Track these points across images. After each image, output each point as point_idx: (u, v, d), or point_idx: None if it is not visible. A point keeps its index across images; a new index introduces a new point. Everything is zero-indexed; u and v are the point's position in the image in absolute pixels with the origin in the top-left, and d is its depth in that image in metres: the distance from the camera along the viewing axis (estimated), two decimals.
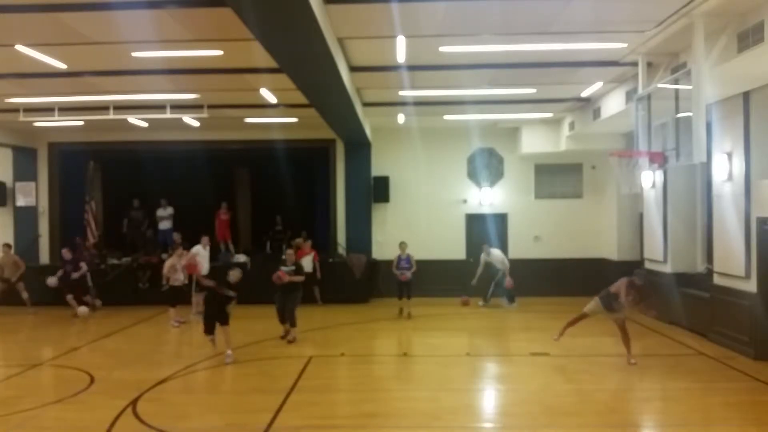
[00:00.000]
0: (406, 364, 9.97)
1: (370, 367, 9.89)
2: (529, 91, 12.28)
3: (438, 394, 7.95)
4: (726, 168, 10.12)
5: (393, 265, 13.25)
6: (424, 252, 15.55)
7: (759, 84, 9.23)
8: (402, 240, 13.64)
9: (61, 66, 9.96)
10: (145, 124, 15.21)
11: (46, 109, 13.32)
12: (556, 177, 16.76)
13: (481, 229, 16.47)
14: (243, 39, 8.14)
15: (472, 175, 16.86)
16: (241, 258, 16.05)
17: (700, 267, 12.52)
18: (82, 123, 14.96)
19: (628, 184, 10.08)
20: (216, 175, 18.22)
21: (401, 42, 8.97)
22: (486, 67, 10.50)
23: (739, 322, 9.85)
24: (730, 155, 10.06)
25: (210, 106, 13.15)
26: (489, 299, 14.90)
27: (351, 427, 6.84)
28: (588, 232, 16.12)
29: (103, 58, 9.71)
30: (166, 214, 17.22)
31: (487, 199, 16.74)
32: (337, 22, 8.07)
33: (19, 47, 8.96)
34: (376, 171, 16.70)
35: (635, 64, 9.88)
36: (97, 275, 15.14)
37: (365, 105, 13.53)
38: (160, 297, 13.36)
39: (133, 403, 7.55)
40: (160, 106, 13.11)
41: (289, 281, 10.93)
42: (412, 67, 10.48)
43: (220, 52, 9.33)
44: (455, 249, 16.53)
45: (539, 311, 14.00)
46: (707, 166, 10.86)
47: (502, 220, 16.79)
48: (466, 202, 16.83)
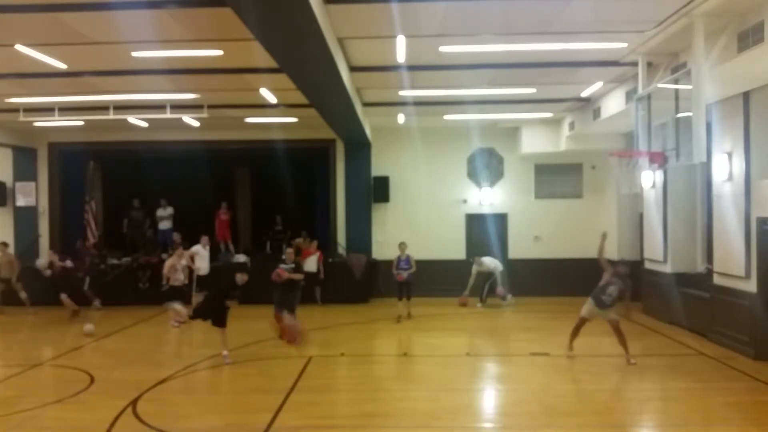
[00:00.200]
0: (406, 364, 9.97)
1: (370, 367, 9.90)
2: (529, 91, 12.29)
3: (438, 394, 7.95)
4: (726, 168, 10.12)
5: (393, 265, 13.25)
6: (424, 252, 15.56)
7: (759, 84, 9.23)
8: (402, 240, 13.61)
9: (61, 66, 9.96)
10: (145, 124, 15.21)
11: (46, 109, 13.32)
12: (556, 177, 16.76)
13: (481, 229, 16.50)
14: (243, 39, 8.14)
15: (472, 175, 16.86)
16: (241, 258, 16.06)
17: (700, 267, 12.52)
18: (82, 123, 14.96)
19: (628, 184, 10.08)
20: (216, 175, 18.22)
21: (401, 42, 8.97)
22: (486, 67, 10.50)
23: (739, 322, 9.85)
24: (730, 155, 10.06)
25: (210, 106, 13.15)
26: (485, 300, 14.94)
27: (351, 427, 6.84)
28: (588, 232, 16.03)
29: (103, 58, 9.72)
30: (166, 214, 17.22)
31: (487, 199, 16.74)
32: (337, 22, 8.07)
33: (19, 47, 8.96)
34: (376, 171, 16.71)
35: (635, 64, 9.88)
36: (98, 275, 15.16)
37: (365, 105, 13.53)
38: (160, 297, 13.35)
39: (133, 403, 7.55)
40: (160, 106, 13.11)
41: (288, 279, 10.92)
42: (412, 67, 10.48)
43: (220, 52, 9.33)
44: (455, 249, 16.53)
45: (539, 311, 14.00)
46: (707, 166, 10.86)
47: (502, 220, 16.80)
48: (466, 202, 16.83)
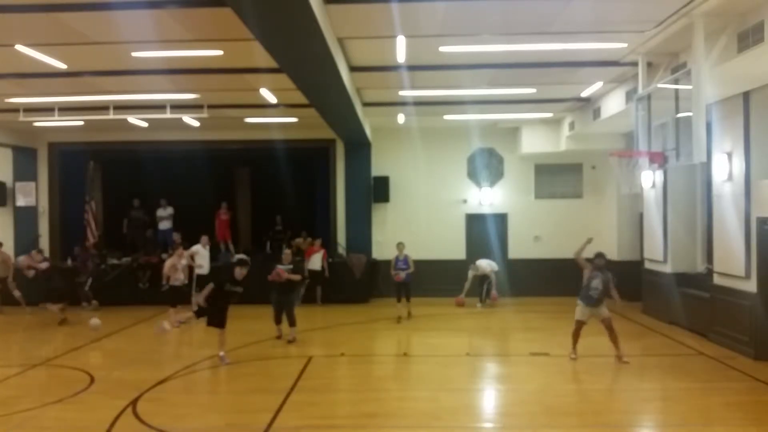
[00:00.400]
0: (406, 364, 9.97)
1: (370, 367, 9.90)
2: (529, 91, 12.29)
3: (438, 394, 7.94)
4: (726, 168, 10.12)
5: (391, 266, 13.21)
6: (424, 252, 15.58)
7: (759, 84, 9.23)
8: (401, 240, 13.58)
9: (61, 66, 9.96)
10: (145, 124, 15.20)
11: (46, 109, 13.32)
12: (556, 177, 16.77)
13: (481, 229, 16.51)
14: (243, 39, 8.15)
15: (472, 175, 16.87)
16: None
17: (700, 267, 12.52)
18: (82, 123, 14.96)
19: (628, 184, 10.09)
20: (216, 175, 18.23)
21: (401, 42, 8.97)
22: (486, 67, 10.50)
23: (739, 322, 9.85)
24: (730, 155, 10.06)
25: (210, 106, 13.15)
26: (485, 300, 14.98)
27: (351, 427, 6.84)
28: (588, 232, 15.97)
29: (103, 58, 9.72)
30: (166, 214, 17.22)
31: (487, 199, 16.74)
32: (337, 22, 8.07)
33: (19, 47, 8.96)
34: (376, 171, 16.71)
35: (635, 64, 9.88)
36: (98, 275, 15.16)
37: (365, 105, 13.53)
38: (160, 297, 13.37)
39: (133, 403, 7.55)
40: (160, 106, 13.11)
41: (287, 279, 10.97)
42: (412, 67, 10.48)
43: (220, 52, 9.33)
44: (455, 249, 16.52)
45: (539, 311, 14.01)
46: (707, 166, 10.86)
47: (502, 220, 16.80)
48: (466, 202, 16.83)
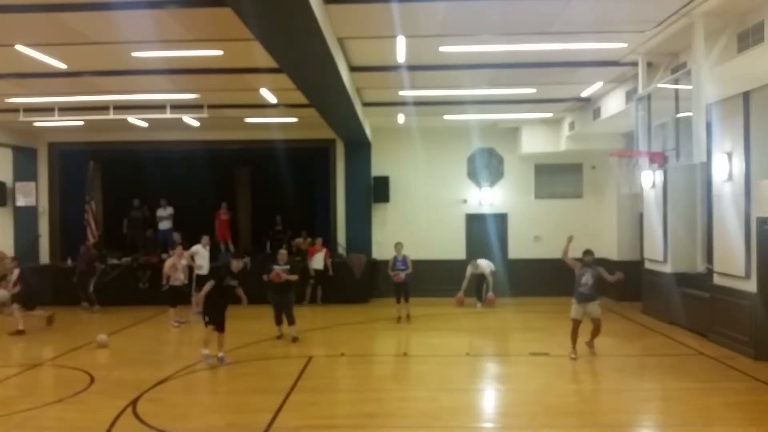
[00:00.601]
0: (406, 364, 9.97)
1: (370, 367, 9.90)
2: (529, 91, 12.29)
3: (438, 394, 7.94)
4: (726, 168, 10.12)
5: (389, 266, 13.13)
6: (424, 252, 15.60)
7: (759, 84, 9.22)
8: (400, 241, 13.54)
9: (61, 66, 9.96)
10: (145, 124, 15.21)
11: (46, 109, 13.32)
12: (556, 177, 16.77)
13: (481, 229, 16.51)
14: (243, 39, 8.15)
15: (472, 175, 16.87)
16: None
17: (700, 267, 12.52)
18: (82, 123, 14.96)
19: (628, 184, 10.09)
20: (216, 175, 18.22)
21: (401, 42, 8.97)
22: (486, 67, 10.50)
23: (739, 322, 9.85)
24: (730, 155, 10.05)
25: (210, 106, 13.15)
26: (484, 299, 15.01)
27: (351, 427, 6.84)
28: (588, 232, 16.05)
29: (103, 58, 9.72)
30: (166, 214, 17.22)
31: (487, 199, 16.75)
32: (337, 22, 8.07)
33: (19, 47, 8.96)
34: (376, 171, 16.71)
35: (635, 64, 9.88)
36: (99, 276, 15.19)
37: (365, 105, 13.53)
38: (160, 297, 13.37)
39: (133, 403, 7.55)
40: (160, 106, 13.11)
41: (286, 280, 11.04)
42: (412, 67, 10.48)
43: (220, 52, 9.33)
44: (455, 249, 16.52)
45: (539, 311, 14.00)
46: (707, 166, 10.86)
47: (502, 220, 16.80)
48: (466, 202, 16.83)
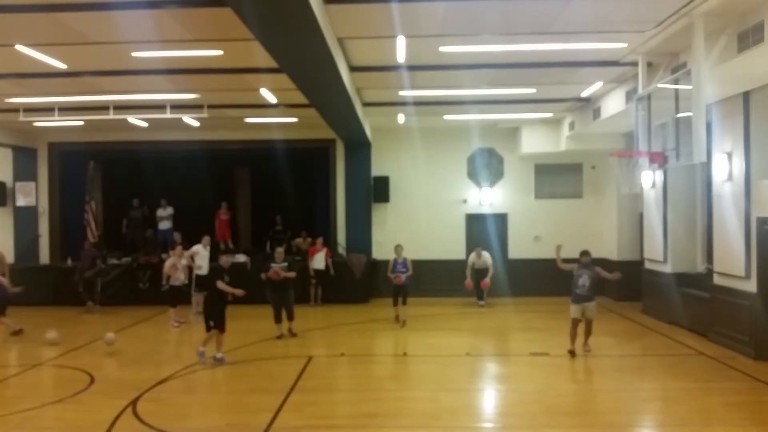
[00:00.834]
0: (406, 364, 9.97)
1: (370, 367, 9.90)
2: (529, 91, 12.29)
3: (438, 394, 7.94)
4: (726, 168, 10.12)
5: (388, 269, 12.96)
6: (424, 252, 15.60)
7: (759, 84, 9.22)
8: (402, 241, 13.51)
9: (61, 66, 9.96)
10: (145, 124, 15.21)
11: (46, 109, 13.33)
12: (556, 177, 16.77)
13: (481, 229, 16.51)
14: (243, 39, 8.14)
15: (472, 175, 16.87)
16: (241, 258, 16.04)
17: (700, 267, 12.52)
18: (82, 123, 14.97)
19: (628, 184, 10.08)
20: (216, 175, 18.23)
21: (401, 42, 8.97)
22: (486, 67, 10.50)
23: (739, 322, 9.84)
24: (730, 155, 10.05)
25: (210, 106, 13.15)
26: (485, 298, 15.08)
27: (351, 427, 6.84)
28: (588, 232, 16.09)
29: (103, 58, 9.72)
30: (166, 214, 17.22)
31: (487, 199, 16.74)
32: (337, 22, 8.07)
33: (19, 47, 8.96)
34: (376, 171, 16.71)
35: (635, 64, 9.87)
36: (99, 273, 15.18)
37: (365, 105, 13.53)
38: (160, 297, 13.37)
39: (133, 403, 7.55)
40: (160, 106, 13.11)
41: (285, 278, 11.09)
42: (412, 67, 10.48)
43: (220, 52, 9.33)
44: (455, 249, 16.51)
45: (539, 311, 14.00)
46: (707, 166, 10.86)
47: (502, 220, 16.80)
48: (466, 202, 16.83)
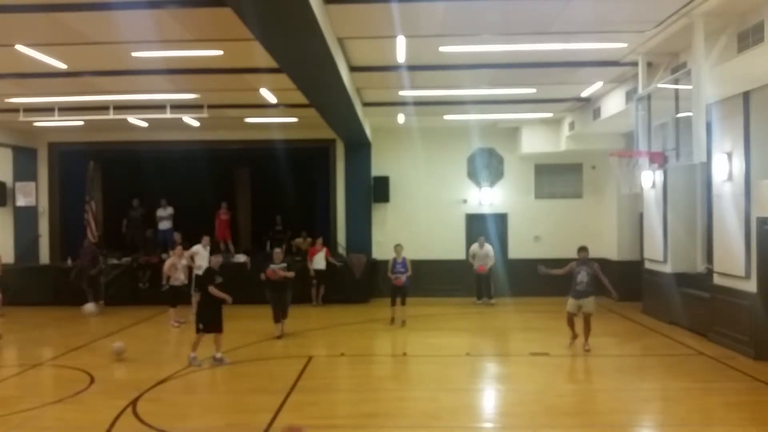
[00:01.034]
0: (405, 364, 9.97)
1: (370, 367, 9.90)
2: (529, 91, 12.28)
3: (438, 394, 7.95)
4: (726, 168, 10.12)
5: (388, 269, 12.93)
6: (424, 252, 15.60)
7: (759, 84, 9.22)
8: (402, 241, 13.52)
9: (61, 66, 9.96)
10: (145, 124, 15.21)
11: (46, 109, 13.32)
12: (556, 177, 16.76)
13: (481, 229, 16.49)
14: (243, 39, 8.15)
15: (472, 175, 16.87)
16: (241, 258, 16.06)
17: (700, 267, 12.52)
18: (82, 123, 14.97)
19: (628, 184, 10.08)
20: (216, 175, 18.24)
21: (401, 42, 8.97)
22: (486, 67, 10.50)
23: (739, 322, 9.84)
24: (730, 155, 10.05)
25: (210, 106, 13.15)
26: (483, 297, 15.19)
27: (351, 427, 6.84)
28: (588, 232, 16.07)
29: (103, 58, 9.72)
30: (166, 214, 17.22)
31: (487, 199, 16.75)
32: (337, 22, 8.07)
33: (19, 47, 8.96)
34: (376, 171, 16.71)
35: (635, 64, 9.87)
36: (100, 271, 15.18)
37: (365, 105, 13.53)
38: (160, 297, 13.37)
39: (133, 403, 7.55)
40: (160, 106, 13.11)
41: (283, 277, 11.14)
42: (412, 67, 10.48)
43: (220, 52, 9.33)
44: (455, 249, 16.51)
45: (539, 311, 14.00)
46: (707, 166, 10.86)
47: (502, 220, 16.80)
48: (466, 202, 16.83)
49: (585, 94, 12.66)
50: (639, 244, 14.85)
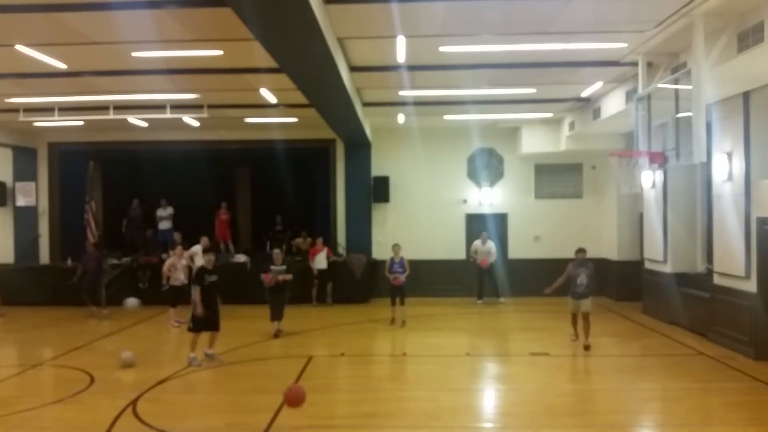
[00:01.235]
0: (405, 364, 9.98)
1: (370, 367, 9.90)
2: (529, 91, 12.28)
3: (438, 394, 7.95)
4: (726, 168, 10.12)
5: (386, 268, 12.91)
6: (424, 252, 15.61)
7: (759, 84, 9.23)
8: (402, 241, 13.52)
9: (61, 66, 9.96)
10: (145, 124, 15.21)
11: (46, 109, 13.33)
12: (556, 177, 16.76)
13: (481, 229, 16.47)
14: (243, 39, 8.14)
15: (472, 175, 16.87)
16: (241, 258, 16.07)
17: (700, 267, 12.52)
18: (82, 123, 14.97)
19: (628, 184, 10.09)
20: (216, 175, 18.24)
21: (401, 42, 8.97)
22: (486, 67, 10.50)
23: (739, 322, 9.84)
24: (730, 155, 10.05)
25: (210, 106, 13.15)
26: (484, 297, 15.20)
27: (351, 427, 6.84)
28: (588, 232, 16.08)
29: (103, 58, 9.72)
30: (166, 214, 17.21)
31: (487, 199, 16.75)
32: (337, 22, 8.07)
33: (19, 47, 8.96)
34: (376, 171, 16.71)
35: (635, 64, 9.87)
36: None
37: (365, 105, 13.53)
38: (160, 297, 13.36)
39: (133, 403, 7.55)
40: (160, 106, 13.11)
41: (283, 280, 11.19)
42: (412, 67, 10.48)
43: (220, 52, 9.33)
44: (455, 249, 16.51)
45: (539, 311, 13.99)
46: (707, 166, 10.86)
47: (502, 220, 16.80)
48: (466, 202, 16.83)
49: (585, 94, 12.66)
50: (639, 244, 14.85)
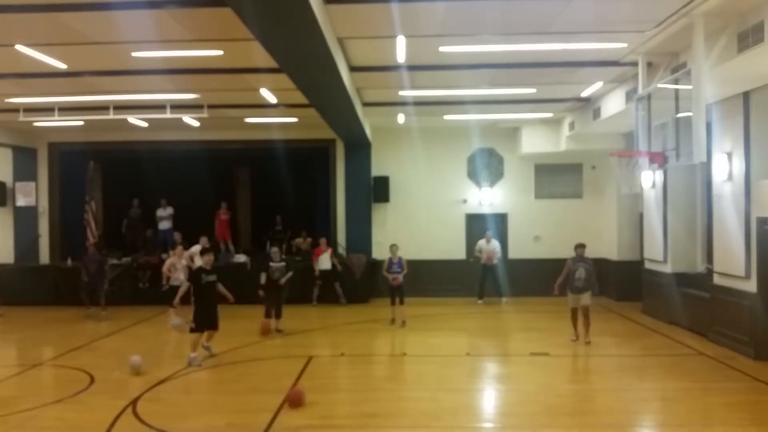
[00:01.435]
0: (406, 364, 9.98)
1: (370, 367, 9.90)
2: (529, 91, 12.29)
3: (438, 394, 7.94)
4: (726, 168, 10.12)
5: (383, 268, 12.89)
6: (424, 252, 15.61)
7: (759, 84, 9.22)
8: (402, 240, 13.54)
9: (61, 66, 9.96)
10: (145, 124, 15.21)
11: (46, 109, 13.33)
12: (556, 177, 16.76)
13: (481, 229, 16.48)
14: (243, 39, 8.15)
15: (472, 175, 16.87)
16: (241, 258, 16.07)
17: (700, 267, 12.52)
18: (82, 123, 14.97)
19: (628, 184, 10.09)
20: (216, 175, 18.24)
21: (401, 42, 8.97)
22: (486, 67, 10.50)
23: (739, 322, 9.84)
24: (730, 155, 10.05)
25: (210, 106, 13.15)
26: (484, 297, 15.21)
27: (351, 427, 6.84)
28: (588, 232, 16.03)
29: (103, 58, 9.72)
30: (166, 214, 17.22)
31: (487, 199, 16.75)
32: (337, 22, 8.07)
33: (19, 47, 8.96)
34: (376, 171, 16.71)
35: (635, 64, 9.88)
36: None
37: (365, 105, 13.53)
38: (160, 297, 13.33)
39: (133, 403, 7.55)
40: (160, 106, 13.11)
41: (286, 282, 11.40)
42: (412, 67, 10.48)
43: (220, 52, 9.33)
44: (455, 249, 16.52)
45: (539, 311, 13.99)
46: (707, 166, 10.86)
47: (502, 220, 16.79)
48: (466, 202, 16.83)
49: (585, 94, 12.66)
50: (639, 244, 14.85)
